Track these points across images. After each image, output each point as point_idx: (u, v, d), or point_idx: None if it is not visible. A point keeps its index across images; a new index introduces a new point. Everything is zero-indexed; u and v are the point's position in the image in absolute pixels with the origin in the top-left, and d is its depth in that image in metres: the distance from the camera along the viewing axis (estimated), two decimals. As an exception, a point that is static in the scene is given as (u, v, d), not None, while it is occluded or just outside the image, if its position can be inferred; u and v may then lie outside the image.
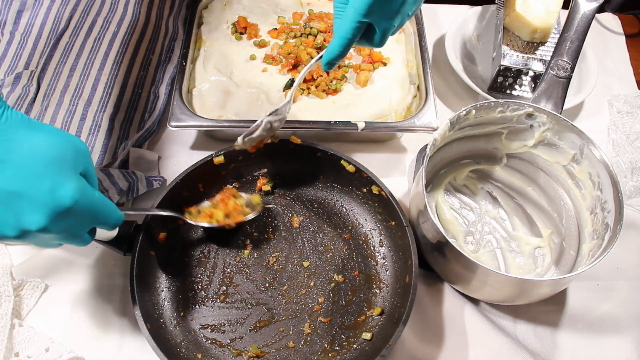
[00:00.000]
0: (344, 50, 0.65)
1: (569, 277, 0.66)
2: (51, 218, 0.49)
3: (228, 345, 0.72)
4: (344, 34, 0.63)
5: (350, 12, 0.61)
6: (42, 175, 0.49)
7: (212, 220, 0.76)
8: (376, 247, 0.81)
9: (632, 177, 0.91)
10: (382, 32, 0.64)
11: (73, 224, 0.52)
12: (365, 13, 0.60)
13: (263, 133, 0.74)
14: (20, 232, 0.50)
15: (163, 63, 0.96)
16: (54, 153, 0.50)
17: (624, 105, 1.00)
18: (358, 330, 0.73)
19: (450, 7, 1.15)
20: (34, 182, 0.48)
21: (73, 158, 0.52)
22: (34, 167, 0.49)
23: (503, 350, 0.74)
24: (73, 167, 0.52)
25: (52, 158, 0.50)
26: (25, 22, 0.92)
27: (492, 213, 0.86)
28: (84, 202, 0.52)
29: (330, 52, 0.65)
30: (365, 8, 0.60)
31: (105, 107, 0.85)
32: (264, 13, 1.00)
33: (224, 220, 0.77)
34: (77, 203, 0.51)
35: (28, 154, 0.49)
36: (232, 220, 0.77)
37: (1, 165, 0.48)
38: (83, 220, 0.54)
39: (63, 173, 0.50)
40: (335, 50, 0.65)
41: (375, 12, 0.61)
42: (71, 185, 0.50)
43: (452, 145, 0.85)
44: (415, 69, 0.94)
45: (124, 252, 0.71)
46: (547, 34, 0.94)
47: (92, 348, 0.72)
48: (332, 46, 0.65)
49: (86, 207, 0.52)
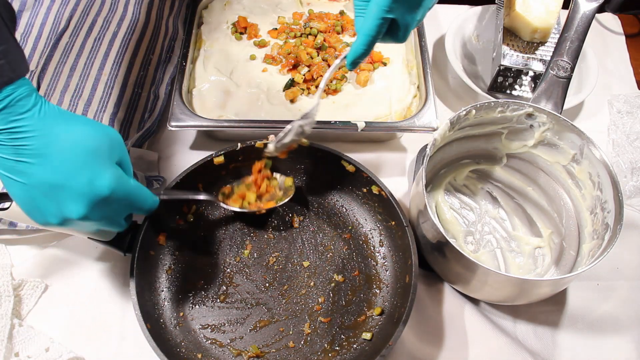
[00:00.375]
0: (368, 48, 0.64)
1: (569, 277, 0.66)
2: (90, 207, 0.53)
3: (228, 345, 0.72)
4: (367, 32, 0.62)
5: (374, 9, 0.61)
6: (80, 167, 0.52)
7: (244, 203, 0.76)
8: (376, 247, 0.81)
9: (632, 177, 0.91)
10: (405, 27, 0.64)
11: (111, 211, 0.56)
12: (388, 9, 0.60)
13: (294, 138, 0.72)
14: (62, 219, 0.54)
15: (163, 63, 0.96)
16: (90, 145, 0.53)
17: (624, 105, 1.00)
18: (358, 330, 0.73)
19: (450, 7, 1.15)
20: (74, 174, 0.52)
21: (109, 148, 0.55)
22: (72, 160, 0.52)
23: (503, 350, 0.74)
24: (109, 157, 0.55)
25: (89, 150, 0.53)
26: (25, 22, 0.92)
27: (492, 213, 0.86)
28: (121, 190, 0.55)
29: (355, 51, 0.65)
30: (388, 4, 0.60)
31: (105, 107, 0.85)
32: (264, 13, 1.00)
33: (256, 204, 0.76)
34: (115, 192, 0.54)
35: (66, 147, 0.52)
36: (264, 205, 0.77)
37: (42, 159, 0.51)
38: (120, 207, 0.57)
39: (100, 164, 0.54)
40: (360, 48, 0.64)
41: (398, 7, 0.60)
42: (108, 175, 0.54)
43: (452, 145, 0.85)
44: (415, 69, 0.94)
45: (124, 252, 0.71)
46: (547, 34, 0.94)
47: (92, 348, 0.72)
48: (357, 45, 0.64)
49: (123, 195, 0.56)
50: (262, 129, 0.83)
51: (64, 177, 0.52)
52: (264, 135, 0.80)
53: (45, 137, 0.51)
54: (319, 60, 0.92)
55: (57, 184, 0.52)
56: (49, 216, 0.54)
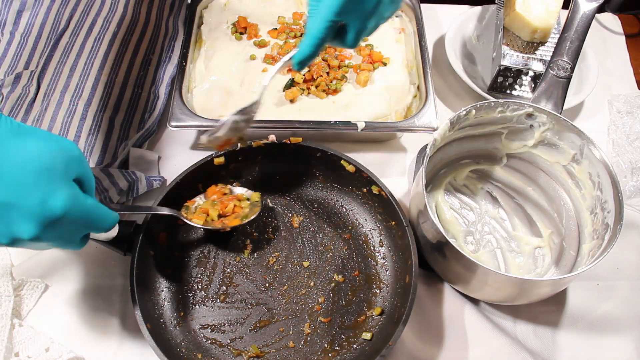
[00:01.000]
0: (316, 50, 0.63)
1: (569, 277, 0.66)
2: (42, 228, 0.50)
3: (228, 345, 0.72)
4: (315, 34, 0.61)
5: (323, 11, 0.59)
6: (32, 186, 0.49)
7: (207, 220, 0.75)
8: (376, 247, 0.81)
9: (632, 177, 0.91)
10: (356, 33, 0.62)
11: (65, 231, 0.53)
12: (338, 12, 0.59)
13: (228, 132, 0.70)
14: (11, 240, 0.50)
15: (163, 63, 0.96)
16: (44, 162, 0.50)
17: (624, 105, 1.00)
18: (358, 330, 0.73)
19: (450, 7, 1.15)
20: (24, 194, 0.49)
21: (64, 165, 0.51)
22: (24, 178, 0.49)
23: (503, 350, 0.74)
24: (64, 174, 0.51)
25: (42, 168, 0.50)
26: (25, 22, 0.92)
27: (492, 213, 0.86)
28: (75, 210, 0.51)
29: (301, 52, 0.63)
30: (338, 7, 0.58)
31: (105, 107, 0.85)
32: (264, 13, 1.00)
33: (220, 221, 0.75)
34: (68, 213, 0.51)
35: (18, 165, 0.49)
36: (229, 222, 0.75)
37: None
38: (76, 227, 0.54)
39: (54, 182, 0.50)
40: (306, 50, 0.63)
41: (349, 11, 0.59)
42: (62, 195, 0.50)
43: (452, 145, 0.85)
44: (415, 69, 0.94)
45: (124, 252, 0.71)
46: (547, 34, 0.94)
47: (92, 348, 0.72)
48: (303, 46, 0.63)
49: (78, 215, 0.52)
50: (262, 129, 0.83)
51: (14, 196, 0.48)
52: (264, 136, 0.80)
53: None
54: (319, 60, 0.92)
55: (7, 202, 0.48)
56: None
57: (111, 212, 0.57)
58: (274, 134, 0.80)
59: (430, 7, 1.14)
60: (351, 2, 0.59)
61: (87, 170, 0.55)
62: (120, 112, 0.87)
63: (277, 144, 0.80)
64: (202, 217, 0.74)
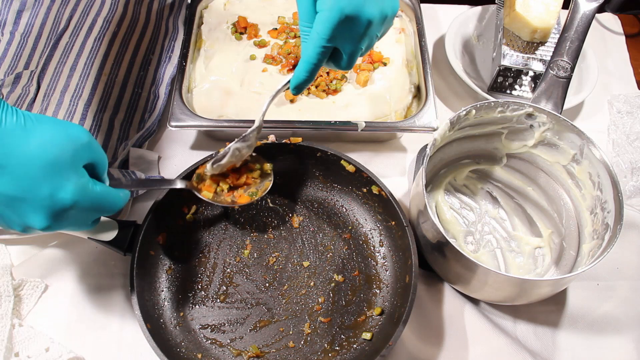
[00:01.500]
0: (311, 75, 0.64)
1: (569, 277, 0.66)
2: (53, 218, 0.52)
3: (228, 345, 0.72)
4: (309, 59, 0.62)
5: (315, 37, 0.60)
6: (40, 179, 0.50)
7: (217, 191, 0.74)
8: (376, 247, 0.81)
9: (632, 177, 0.91)
10: (349, 56, 0.63)
11: (76, 218, 0.55)
12: (329, 38, 0.59)
13: (232, 159, 0.72)
14: (25, 228, 0.53)
15: (163, 63, 0.96)
16: (51, 154, 0.51)
17: (624, 105, 1.00)
18: (358, 330, 0.73)
19: (450, 7, 1.15)
20: (33, 188, 0.50)
21: (72, 154, 0.52)
22: (32, 172, 0.50)
23: (503, 350, 0.74)
24: (72, 164, 0.52)
25: (50, 160, 0.51)
26: (25, 22, 0.92)
27: (492, 213, 0.86)
28: (85, 199, 0.53)
29: (297, 78, 0.64)
30: (329, 33, 0.59)
31: (105, 107, 0.85)
32: (264, 13, 1.00)
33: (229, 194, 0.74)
34: (78, 202, 0.52)
35: (26, 159, 0.50)
36: (238, 199, 0.74)
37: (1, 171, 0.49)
38: (86, 214, 0.55)
39: (62, 174, 0.51)
40: (302, 75, 0.64)
41: (340, 36, 0.60)
42: (70, 186, 0.51)
43: (452, 145, 0.85)
44: (415, 69, 0.94)
45: (124, 252, 0.71)
46: (547, 34, 0.94)
47: (92, 348, 0.72)
48: (299, 71, 0.64)
49: (87, 204, 0.54)
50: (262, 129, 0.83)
51: (24, 191, 0.50)
52: (264, 136, 0.80)
53: (2, 148, 0.49)
54: (319, 60, 0.92)
55: (17, 196, 0.50)
56: (12, 225, 0.53)
57: (120, 195, 0.58)
58: (274, 134, 0.81)
59: (430, 7, 1.14)
60: (341, 28, 0.59)
61: (96, 153, 0.56)
62: (120, 112, 0.87)
63: (277, 144, 0.80)
64: (212, 188, 0.74)
